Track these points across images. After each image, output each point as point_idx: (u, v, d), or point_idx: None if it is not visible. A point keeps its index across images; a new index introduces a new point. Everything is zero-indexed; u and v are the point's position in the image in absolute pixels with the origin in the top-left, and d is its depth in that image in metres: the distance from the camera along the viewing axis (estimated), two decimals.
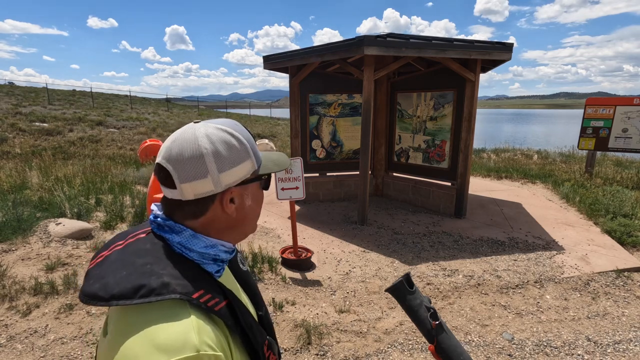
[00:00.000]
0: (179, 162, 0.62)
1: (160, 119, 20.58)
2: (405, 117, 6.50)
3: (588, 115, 7.81)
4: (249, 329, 0.65)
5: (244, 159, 0.67)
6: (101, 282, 0.58)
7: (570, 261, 4.20)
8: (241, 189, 0.68)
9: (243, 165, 0.67)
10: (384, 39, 4.66)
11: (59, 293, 3.32)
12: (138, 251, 0.63)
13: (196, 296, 0.58)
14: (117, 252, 0.64)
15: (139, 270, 0.59)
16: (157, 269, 0.59)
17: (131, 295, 0.55)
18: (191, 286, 0.59)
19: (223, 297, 0.63)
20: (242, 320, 0.64)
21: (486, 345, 2.82)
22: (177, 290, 0.57)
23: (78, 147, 12.84)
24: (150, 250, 0.63)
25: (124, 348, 0.54)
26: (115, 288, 0.56)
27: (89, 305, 2.41)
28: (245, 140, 0.68)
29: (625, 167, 9.28)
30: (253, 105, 54.85)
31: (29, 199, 5.44)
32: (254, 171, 0.69)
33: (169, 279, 0.58)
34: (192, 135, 0.63)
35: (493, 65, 5.78)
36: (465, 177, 5.57)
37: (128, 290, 0.56)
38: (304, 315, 3.16)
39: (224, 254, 0.69)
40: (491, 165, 9.69)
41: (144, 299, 0.55)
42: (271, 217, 5.66)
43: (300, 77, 6.06)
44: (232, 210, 0.67)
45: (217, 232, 0.69)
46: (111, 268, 0.61)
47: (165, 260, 0.62)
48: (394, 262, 4.21)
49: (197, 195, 0.64)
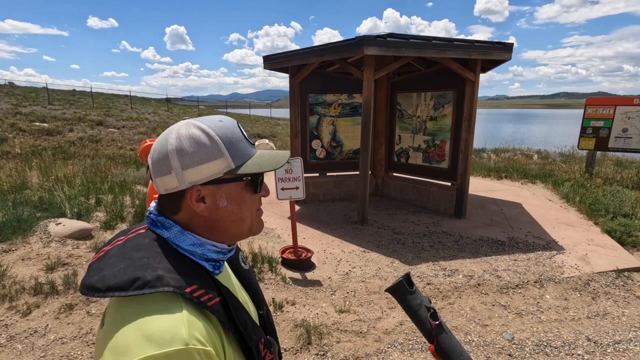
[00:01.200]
0: (153, 158, 0.67)
1: (160, 119, 20.58)
2: (405, 117, 6.50)
3: (588, 115, 7.82)
4: (243, 326, 0.66)
5: (214, 157, 0.65)
6: (100, 275, 0.60)
7: (571, 261, 4.20)
8: (214, 188, 0.67)
9: (212, 164, 0.65)
10: (384, 39, 4.66)
11: (59, 293, 3.32)
12: (137, 245, 0.65)
13: (189, 290, 0.59)
14: (118, 247, 0.66)
15: (136, 263, 0.60)
16: (153, 263, 0.61)
17: (126, 287, 0.57)
18: (185, 280, 0.60)
19: (217, 293, 0.64)
20: (236, 317, 0.65)
21: (486, 345, 2.82)
22: (171, 284, 0.58)
23: (78, 147, 12.84)
24: (148, 244, 0.65)
25: (116, 337, 0.55)
26: (112, 280, 0.58)
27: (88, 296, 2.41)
28: (221, 138, 0.66)
29: (625, 167, 9.29)
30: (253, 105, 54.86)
31: (29, 199, 5.44)
32: (230, 170, 0.66)
33: (164, 273, 0.59)
34: (167, 133, 0.67)
35: (493, 65, 5.78)
36: (465, 177, 5.57)
37: (124, 282, 0.57)
38: (304, 315, 3.16)
39: (213, 253, 0.69)
40: (491, 165, 9.69)
41: (138, 291, 0.57)
42: (271, 217, 5.66)
43: (301, 77, 6.06)
44: (202, 209, 0.67)
45: (200, 230, 0.69)
46: (110, 261, 0.62)
47: (162, 255, 0.63)
48: (394, 262, 4.21)
49: (167, 190, 0.66)
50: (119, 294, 0.57)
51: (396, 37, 4.76)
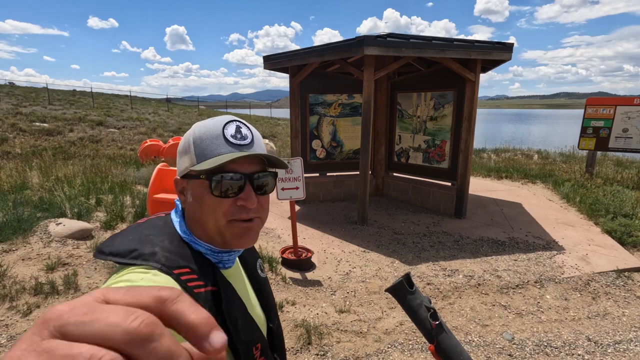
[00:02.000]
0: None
1: (160, 119, 20.58)
2: (406, 117, 6.50)
3: (588, 115, 7.81)
4: (232, 322, 0.65)
5: (185, 153, 0.69)
6: (111, 241, 0.65)
7: (571, 261, 4.20)
8: (185, 182, 0.70)
9: (183, 159, 0.69)
10: (384, 39, 4.66)
11: (59, 293, 3.32)
12: (150, 225, 0.69)
13: (177, 272, 0.61)
14: (137, 224, 0.70)
15: (142, 238, 0.64)
16: (156, 240, 0.64)
17: (124, 254, 0.61)
18: (177, 262, 0.62)
19: (212, 284, 0.64)
20: (226, 311, 0.64)
21: (486, 345, 2.82)
22: (161, 261, 0.61)
23: (78, 147, 12.84)
24: (159, 225, 0.69)
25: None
26: (116, 248, 0.63)
27: (97, 259, 2.40)
28: (194, 135, 0.67)
29: (626, 167, 9.28)
30: (253, 105, 54.89)
31: (29, 199, 5.44)
32: (194, 167, 0.65)
33: (159, 250, 0.62)
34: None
35: (493, 65, 5.77)
36: (466, 177, 5.56)
37: (124, 250, 0.62)
38: (304, 315, 3.16)
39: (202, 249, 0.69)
40: (491, 165, 9.68)
41: (132, 260, 0.60)
42: (271, 217, 5.66)
43: (301, 77, 6.06)
44: (183, 201, 0.72)
45: (188, 222, 0.71)
46: (123, 233, 0.67)
47: (165, 235, 0.66)
48: (394, 262, 4.21)
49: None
50: (117, 260, 0.60)
51: (396, 37, 4.76)
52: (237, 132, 0.67)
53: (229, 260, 0.71)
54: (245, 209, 0.66)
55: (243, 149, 0.66)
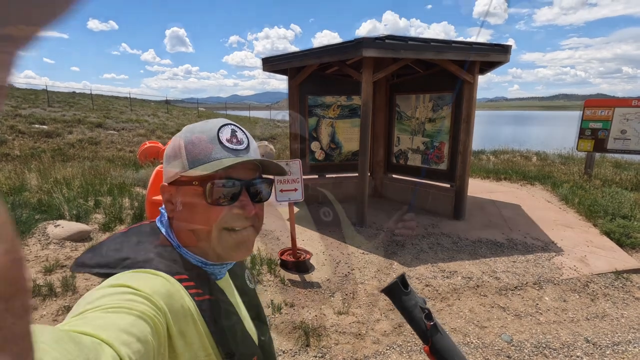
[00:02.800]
0: None
1: (159, 121, 20.58)
2: (404, 119, 6.51)
3: (587, 117, 7.83)
4: (232, 334, 0.62)
5: (175, 158, 0.63)
6: (93, 252, 0.60)
7: (569, 263, 4.20)
8: (174, 189, 0.64)
9: (173, 164, 0.64)
10: (383, 41, 4.67)
11: (57, 295, 3.31)
12: (137, 232, 0.65)
13: (178, 279, 0.58)
14: (120, 233, 0.66)
15: (131, 246, 0.60)
16: (149, 247, 0.61)
17: (115, 264, 0.57)
18: (175, 268, 0.59)
19: (208, 292, 0.62)
20: (225, 322, 0.62)
21: (485, 347, 2.82)
22: (160, 268, 0.57)
23: (77, 149, 12.84)
24: (148, 232, 0.65)
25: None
26: (103, 258, 0.58)
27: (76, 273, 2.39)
28: (186, 138, 0.63)
29: (624, 168, 9.29)
30: (253, 107, 54.91)
31: (27, 201, 5.43)
32: (185, 172, 0.62)
33: (155, 256, 0.59)
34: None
35: (491, 67, 5.79)
36: (464, 178, 5.57)
37: (114, 260, 0.57)
38: (303, 317, 3.15)
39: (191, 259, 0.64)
40: (490, 166, 9.70)
41: (125, 270, 0.56)
42: (270, 219, 5.65)
43: (300, 79, 6.06)
44: (170, 210, 0.66)
45: (176, 232, 0.66)
46: (106, 243, 0.63)
47: (156, 242, 0.63)
48: (392, 263, 4.21)
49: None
50: (106, 271, 0.56)
51: (395, 39, 4.77)
52: (233, 136, 0.64)
53: (220, 272, 0.68)
54: (240, 217, 0.63)
55: (239, 154, 0.63)
